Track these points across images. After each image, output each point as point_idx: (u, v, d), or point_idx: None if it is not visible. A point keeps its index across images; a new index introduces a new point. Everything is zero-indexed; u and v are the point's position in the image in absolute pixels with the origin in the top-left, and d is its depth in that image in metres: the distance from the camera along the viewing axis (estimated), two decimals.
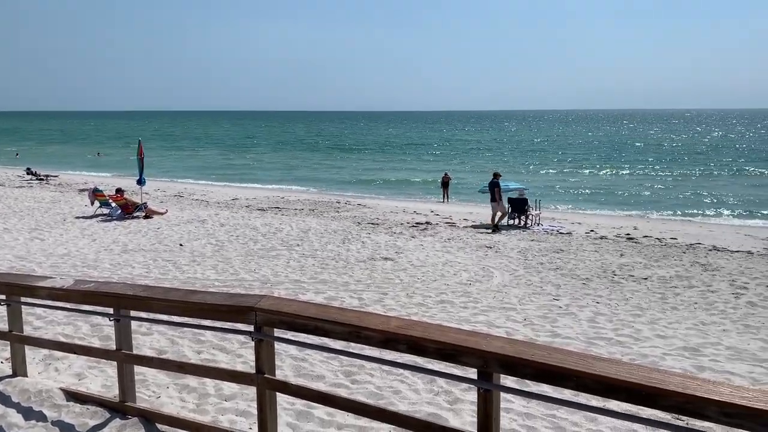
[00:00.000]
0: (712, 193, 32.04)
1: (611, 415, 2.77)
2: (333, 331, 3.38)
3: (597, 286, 11.16)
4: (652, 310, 9.52)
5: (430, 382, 6.03)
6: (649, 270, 12.60)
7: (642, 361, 7.09)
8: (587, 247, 15.27)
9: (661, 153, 61.18)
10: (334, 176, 42.09)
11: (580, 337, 7.98)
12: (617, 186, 35.70)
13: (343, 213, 21.43)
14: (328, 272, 11.64)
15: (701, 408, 2.26)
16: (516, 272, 12.21)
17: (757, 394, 2.19)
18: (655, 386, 2.35)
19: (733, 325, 8.84)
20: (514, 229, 18.58)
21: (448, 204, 27.58)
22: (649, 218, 23.71)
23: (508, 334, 8.02)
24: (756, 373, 6.89)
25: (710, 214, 25.45)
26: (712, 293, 10.71)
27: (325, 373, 6.29)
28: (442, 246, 15.01)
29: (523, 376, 2.81)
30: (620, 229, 18.71)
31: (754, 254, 14.72)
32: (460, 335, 3.05)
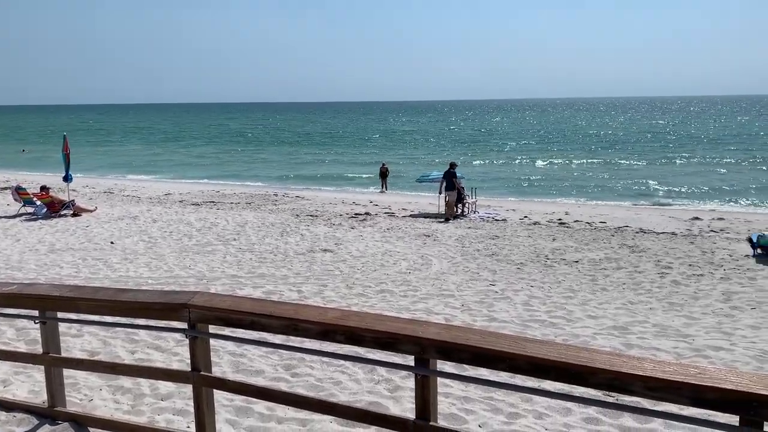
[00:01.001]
0: (638, 178, 33.39)
1: (545, 394, 2.85)
2: (269, 326, 3.34)
3: (531, 270, 11.47)
4: (583, 292, 9.87)
5: (370, 372, 6.06)
6: (580, 253, 13.04)
7: (574, 341, 7.35)
8: (521, 233, 15.66)
9: (588, 140, 63.20)
10: (270, 169, 41.54)
11: (516, 320, 8.20)
12: (550, 173, 36.70)
13: (281, 206, 21.20)
14: (266, 266, 11.50)
15: (627, 384, 2.36)
16: (454, 259, 12.40)
17: (677, 368, 2.30)
18: (584, 365, 2.43)
19: (659, 303, 9.27)
20: (451, 217, 18.83)
21: (387, 194, 27.71)
22: (579, 204, 24.51)
23: (447, 320, 8.15)
24: (680, 348, 7.25)
25: (638, 198, 26.55)
26: (639, 274, 11.19)
27: (265, 368, 6.22)
28: (381, 236, 15.07)
29: (459, 360, 2.86)
30: (552, 215, 19.27)
31: (678, 235, 15.45)
32: (397, 323, 3.07)
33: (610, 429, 4.94)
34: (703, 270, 11.45)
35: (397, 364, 3.14)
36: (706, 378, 2.19)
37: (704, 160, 41.58)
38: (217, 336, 3.71)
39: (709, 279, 10.78)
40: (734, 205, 24.47)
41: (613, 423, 5.02)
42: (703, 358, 6.88)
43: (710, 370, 2.25)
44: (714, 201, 25.41)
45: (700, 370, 2.26)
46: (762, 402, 2.04)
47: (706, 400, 2.18)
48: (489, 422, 5.01)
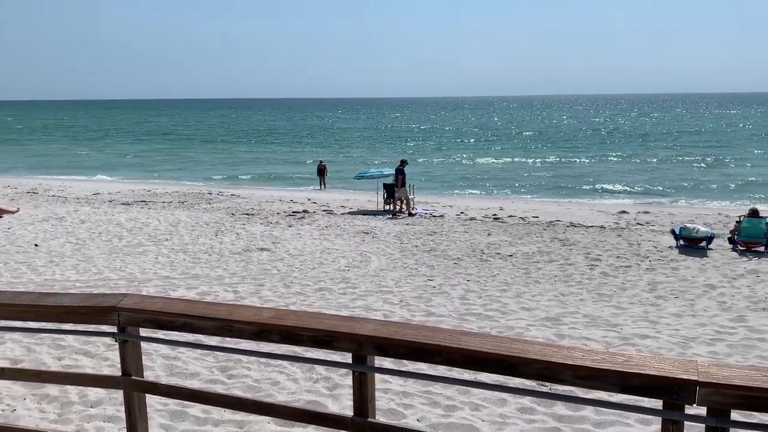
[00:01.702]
0: (570, 174, 34.47)
1: (481, 386, 2.90)
2: (203, 327, 3.26)
3: (467, 264, 11.67)
4: (517, 285, 10.11)
5: (308, 371, 6.02)
6: (514, 247, 13.36)
7: (509, 332, 7.52)
8: (458, 229, 15.90)
9: (524, 138, 64.78)
10: (204, 166, 40.64)
11: (453, 314, 8.32)
12: (486, 170, 37.41)
13: (216, 204, 20.77)
14: (200, 266, 11.25)
15: (558, 373, 2.42)
16: (392, 256, 12.47)
17: (605, 356, 2.37)
18: (517, 356, 2.48)
19: (589, 294, 9.60)
20: (389, 214, 18.93)
21: (325, 192, 27.58)
22: (513, 199, 25.09)
23: (386, 316, 8.19)
24: (609, 336, 7.53)
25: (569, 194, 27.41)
26: (570, 266, 11.55)
27: (200, 370, 6.09)
28: (319, 234, 14.99)
29: (396, 355, 2.86)
30: (488, 210, 19.65)
31: (606, 228, 16.05)
32: (334, 321, 3.05)
33: (544, 418, 5.08)
34: (630, 261, 11.93)
35: (334, 362, 3.13)
36: (632, 365, 2.27)
37: (633, 156, 43.32)
38: (148, 339, 3.60)
39: (635, 270, 11.24)
40: (659, 199, 25.60)
41: (546, 412, 5.17)
42: (631, 346, 7.17)
43: (636, 358, 2.34)
44: (640, 195, 26.52)
45: (626, 357, 2.34)
46: (683, 386, 2.13)
47: (632, 386, 2.26)
48: (427, 416, 5.06)
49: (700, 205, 23.55)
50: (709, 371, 2.12)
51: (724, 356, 6.85)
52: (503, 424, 4.97)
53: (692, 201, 24.92)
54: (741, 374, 2.09)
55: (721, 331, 7.77)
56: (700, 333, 7.66)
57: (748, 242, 13.05)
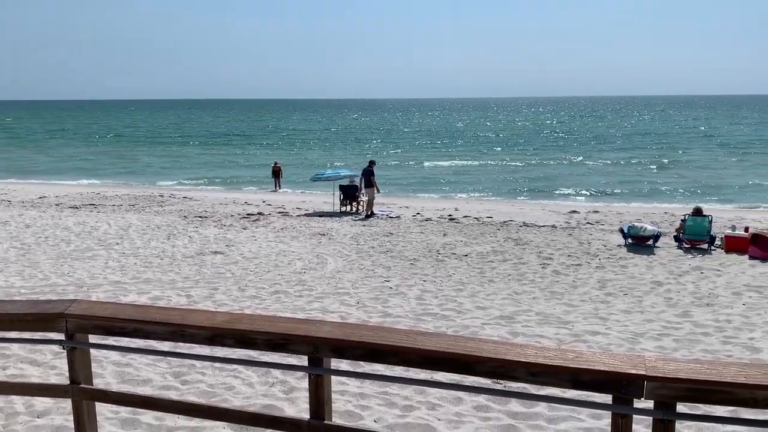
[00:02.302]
0: (523, 175, 35.07)
1: (437, 385, 2.92)
2: (155, 332, 3.19)
3: (423, 265, 11.75)
4: (473, 284, 10.24)
5: (264, 375, 5.96)
6: (469, 247, 13.51)
7: (464, 332, 7.61)
8: (414, 230, 15.99)
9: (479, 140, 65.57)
10: (155, 168, 39.78)
11: (410, 315, 8.36)
12: (442, 171, 37.72)
13: (168, 207, 20.36)
14: (152, 271, 11.01)
15: (512, 370, 2.46)
16: (349, 257, 12.45)
17: (557, 353, 2.43)
18: (471, 354, 2.51)
19: (542, 292, 9.79)
20: (346, 215, 18.91)
21: (280, 193, 27.35)
22: (468, 200, 25.37)
23: (342, 318, 8.18)
24: (561, 333, 7.69)
25: (521, 194, 27.89)
26: (523, 265, 11.75)
27: (152, 377, 5.96)
28: (275, 236, 14.86)
29: (353, 357, 2.87)
30: (443, 211, 19.82)
31: (558, 228, 16.39)
32: (289, 324, 3.03)
33: (499, 415, 5.16)
34: (581, 260, 12.21)
35: (290, 365, 3.11)
36: (582, 361, 2.33)
37: (584, 157, 44.33)
38: (98, 346, 3.51)
39: (586, 268, 11.52)
40: (608, 198, 26.28)
41: (501, 409, 5.25)
42: (582, 343, 7.34)
43: (586, 354, 2.40)
44: (590, 195, 27.17)
45: (577, 354, 2.40)
46: (630, 380, 2.20)
47: (583, 382, 2.31)
48: (384, 416, 5.08)
49: (648, 205, 24.28)
50: (656, 366, 2.19)
51: (671, 351, 7.08)
52: (459, 422, 5.03)
53: (639, 201, 25.66)
54: (686, 368, 2.17)
55: (668, 326, 8.03)
56: (647, 328, 7.90)
57: (693, 240, 13.51)
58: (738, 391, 2.06)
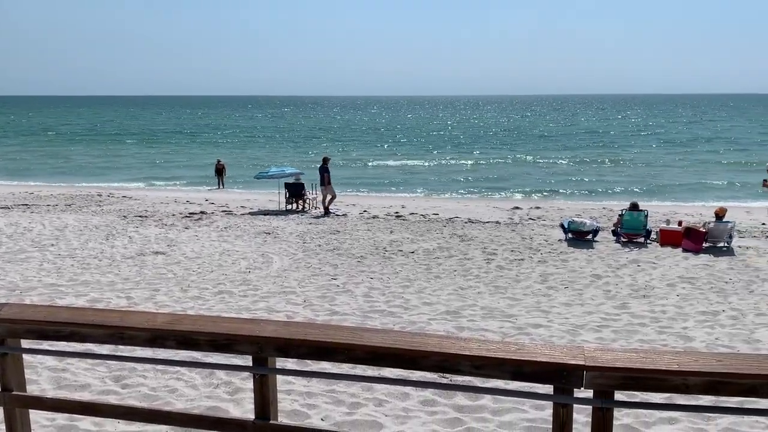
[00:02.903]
0: (468, 172, 35.57)
1: (384, 381, 2.93)
2: (92, 335, 3.08)
3: (371, 262, 11.76)
4: (419, 281, 10.32)
5: (209, 376, 5.85)
6: (416, 244, 13.61)
7: (411, 327, 7.67)
8: (361, 227, 16.00)
9: (426, 138, 66.10)
10: (94, 166, 38.47)
11: (357, 312, 8.36)
12: (389, 169, 37.85)
13: (106, 207, 19.72)
14: (90, 272, 10.64)
15: (456, 364, 2.49)
16: (295, 256, 12.35)
17: (500, 346, 2.47)
18: (417, 349, 2.53)
19: (486, 287, 9.95)
20: (292, 214, 18.75)
21: (224, 192, 26.89)
22: (414, 197, 25.55)
23: (289, 317, 8.11)
24: (505, 327, 7.84)
25: (463, 192, 28.28)
26: (468, 260, 11.92)
27: (91, 381, 5.76)
28: (218, 235, 14.59)
29: (298, 356, 2.84)
30: (390, 209, 19.90)
31: (501, 224, 16.69)
32: (232, 324, 2.98)
33: (445, 409, 5.22)
34: (524, 255, 12.48)
35: (234, 366, 3.06)
36: (524, 353, 2.37)
37: (528, 154, 45.29)
38: (32, 351, 3.36)
39: (528, 263, 11.77)
40: (549, 195, 26.94)
41: (447, 403, 5.31)
42: (525, 335, 7.50)
43: (528, 346, 2.45)
44: (533, 192, 27.78)
45: (519, 346, 2.45)
46: (571, 371, 2.25)
47: (525, 374, 2.36)
48: (331, 414, 5.06)
49: (587, 201, 25.00)
50: (595, 356, 2.26)
51: (610, 341, 7.31)
52: (406, 417, 5.06)
53: (580, 197, 26.41)
54: (623, 357, 2.24)
55: (607, 317, 8.30)
56: (587, 320, 8.14)
57: (630, 234, 14.00)
58: (671, 378, 2.15)
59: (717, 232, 13.21)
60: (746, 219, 16.67)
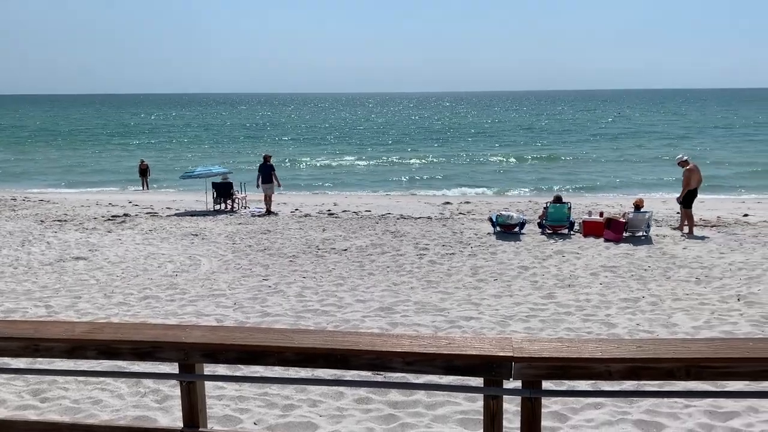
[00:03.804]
0: (399, 169, 35.82)
1: (317, 382, 2.89)
2: (5, 348, 2.90)
3: (303, 261, 11.65)
4: (353, 278, 10.30)
5: (135, 385, 5.63)
6: (349, 241, 13.59)
7: (345, 326, 7.64)
8: (292, 226, 15.83)
9: (355, 135, 66.12)
10: (7, 170, 36.42)
11: (289, 313, 8.26)
12: (320, 167, 37.62)
13: (22, 211, 18.70)
14: (4, 281, 10.06)
15: (389, 361, 2.48)
16: (224, 257, 12.09)
17: (431, 341, 2.48)
18: (348, 348, 2.51)
19: (419, 282, 10.04)
20: (220, 214, 18.34)
21: (149, 193, 26.01)
22: (346, 195, 25.50)
23: (218, 321, 7.92)
24: (438, 321, 7.93)
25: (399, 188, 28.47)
26: (401, 256, 12.00)
27: (7, 397, 5.44)
28: (143, 238, 14.10)
29: (227, 361, 2.77)
30: (322, 206, 19.79)
31: (432, 219, 16.90)
32: (157, 331, 2.88)
33: (380, 406, 5.22)
34: (455, 249, 12.67)
35: (159, 374, 2.95)
36: (455, 347, 2.39)
37: (458, 150, 46.01)
38: None
39: (459, 257, 11.97)
40: (479, 189, 27.49)
41: (382, 400, 5.31)
42: (457, 329, 7.61)
43: (458, 340, 2.47)
44: (462, 187, 28.28)
45: (450, 340, 2.47)
46: (499, 363, 2.29)
47: (457, 367, 2.38)
48: (264, 418, 4.97)
49: (515, 194, 25.66)
50: (523, 347, 2.30)
51: (538, 331, 7.52)
52: (341, 417, 5.03)
53: (508, 190, 27.07)
54: (549, 347, 2.30)
55: (535, 308, 8.53)
56: (516, 311, 8.35)
57: (555, 226, 14.46)
58: (595, 366, 2.21)
59: (636, 222, 13.83)
60: (662, 209, 17.53)
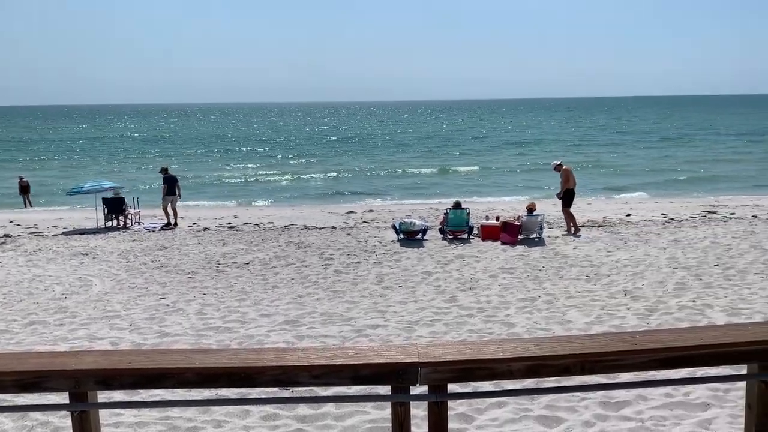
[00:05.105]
0: (304, 179, 35.56)
1: (222, 403, 2.79)
2: None
3: (203, 278, 11.28)
4: (256, 292, 10.09)
5: (21, 418, 5.21)
6: (251, 254, 13.30)
7: (249, 342, 7.46)
8: (191, 241, 15.30)
9: (257, 145, 64.96)
10: None
11: (189, 332, 7.96)
12: (219, 179, 36.60)
13: None
14: None
15: (295, 376, 2.43)
16: (118, 277, 11.49)
17: (337, 352, 2.46)
18: (252, 366, 2.44)
19: (324, 293, 9.99)
20: (112, 231, 17.42)
21: (32, 211, 24.29)
22: (248, 206, 24.99)
23: (113, 344, 7.51)
24: (345, 331, 7.91)
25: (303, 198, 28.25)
26: (305, 268, 11.89)
27: None
28: (27, 260, 13.14)
29: (122, 386, 2.62)
30: (222, 219, 19.26)
31: (337, 228, 16.88)
32: (42, 359, 2.67)
33: (288, 421, 5.13)
34: (360, 257, 12.72)
35: (47, 405, 2.74)
36: (362, 357, 2.38)
37: (360, 159, 46.25)
38: None
39: (365, 265, 12.02)
40: (382, 197, 27.76)
41: (289, 415, 5.22)
42: (364, 337, 7.63)
43: (365, 349, 2.46)
44: (366, 195, 28.45)
45: (356, 350, 2.45)
46: (406, 369, 2.30)
47: (364, 377, 2.37)
48: None
49: (417, 201, 26.13)
50: (427, 352, 2.32)
51: (442, 334, 7.68)
52: None
53: (410, 198, 27.53)
54: (453, 350, 2.34)
55: (439, 312, 8.71)
56: (421, 316, 8.48)
57: (455, 231, 14.86)
58: (497, 366, 2.28)
59: (530, 225, 14.47)
60: (553, 211, 18.42)
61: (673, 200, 23.12)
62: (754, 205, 20.02)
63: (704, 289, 9.43)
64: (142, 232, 17.27)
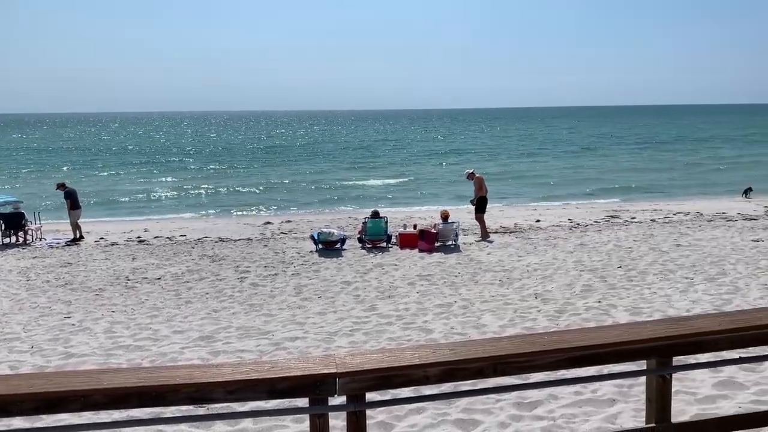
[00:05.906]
0: (214, 191, 34.70)
1: (133, 423, 2.67)
2: None
3: (111, 294, 10.78)
4: (168, 308, 9.74)
5: None
6: (162, 269, 12.84)
7: (162, 360, 7.19)
8: (98, 256, 14.60)
9: (160, 154, 62.88)
10: None
11: (98, 352, 7.59)
12: (123, 190, 35.15)
13: None
14: None
15: (209, 393, 2.37)
16: (17, 296, 10.79)
17: (253, 367, 2.41)
18: (164, 384, 2.35)
19: (241, 306, 9.78)
20: (11, 248, 16.35)
21: None
22: (158, 219, 24.10)
23: (13, 368, 7.05)
24: (262, 344, 7.77)
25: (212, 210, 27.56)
26: (220, 281, 11.60)
27: None
28: None
29: (23, 412, 2.46)
30: (131, 233, 18.51)
31: (253, 240, 16.59)
32: None
33: None
34: (277, 269, 12.55)
35: None
36: (278, 370, 2.35)
37: (269, 169, 45.65)
38: None
39: (282, 277, 11.87)
40: (301, 207, 27.52)
41: None
42: (283, 350, 7.52)
43: (281, 362, 2.43)
44: (283, 207, 28.11)
45: (273, 364, 2.42)
46: (324, 380, 2.30)
47: (281, 391, 2.34)
48: None
49: (336, 211, 26.09)
50: (345, 362, 2.33)
51: (362, 344, 7.69)
52: None
53: (327, 207, 27.46)
54: (371, 359, 2.35)
55: (358, 321, 8.72)
56: (341, 326, 8.46)
57: (374, 240, 14.95)
58: (414, 372, 2.31)
59: (445, 232, 14.77)
60: (468, 219, 18.89)
61: (579, 206, 24.29)
62: (652, 210, 21.35)
63: (609, 290, 9.94)
64: (45, 248, 16.32)
